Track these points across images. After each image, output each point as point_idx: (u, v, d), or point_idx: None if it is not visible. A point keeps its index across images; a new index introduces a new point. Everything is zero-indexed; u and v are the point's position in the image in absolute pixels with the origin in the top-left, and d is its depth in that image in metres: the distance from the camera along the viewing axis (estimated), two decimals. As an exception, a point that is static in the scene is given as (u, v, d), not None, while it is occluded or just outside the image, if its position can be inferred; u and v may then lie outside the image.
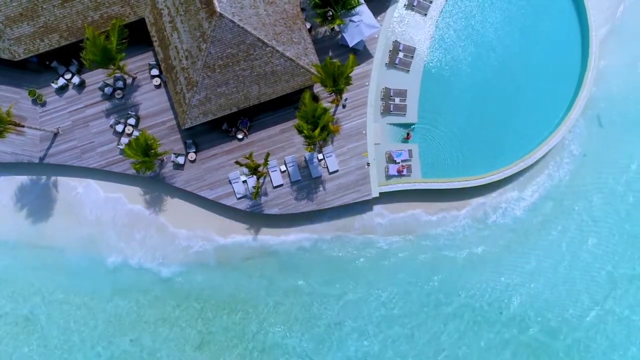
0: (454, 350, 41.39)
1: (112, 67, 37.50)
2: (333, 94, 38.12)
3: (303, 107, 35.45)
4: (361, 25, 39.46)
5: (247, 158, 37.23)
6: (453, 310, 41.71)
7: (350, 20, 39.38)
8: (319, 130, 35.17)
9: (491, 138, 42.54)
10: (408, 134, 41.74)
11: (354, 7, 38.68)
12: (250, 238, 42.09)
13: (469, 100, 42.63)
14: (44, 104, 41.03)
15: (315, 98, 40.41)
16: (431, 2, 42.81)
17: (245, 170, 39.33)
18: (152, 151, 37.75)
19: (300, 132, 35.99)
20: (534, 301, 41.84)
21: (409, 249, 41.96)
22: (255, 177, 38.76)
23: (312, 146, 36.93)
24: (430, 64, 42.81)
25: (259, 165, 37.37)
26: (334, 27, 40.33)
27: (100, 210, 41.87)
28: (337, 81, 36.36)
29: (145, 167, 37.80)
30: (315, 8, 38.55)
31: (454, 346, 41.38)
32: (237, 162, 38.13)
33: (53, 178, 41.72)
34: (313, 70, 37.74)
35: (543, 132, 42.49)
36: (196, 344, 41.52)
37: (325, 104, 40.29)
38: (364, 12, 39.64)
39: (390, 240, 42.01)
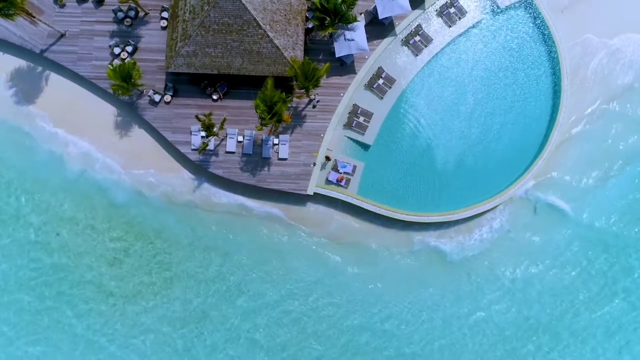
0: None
1: (127, -4, 41.76)
2: (303, 90, 41.57)
3: (264, 90, 39.03)
4: (352, 42, 42.79)
5: (205, 116, 40.98)
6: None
7: (344, 34, 42.76)
8: (271, 115, 38.70)
9: (433, 183, 45.48)
10: (327, 158, 44.60)
11: (350, 23, 42.04)
12: (192, 189, 45.78)
13: (426, 144, 45.69)
14: (62, 6, 45.45)
15: (290, 89, 43.97)
16: (426, 45, 45.87)
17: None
18: (132, 80, 41.82)
19: (256, 110, 39.58)
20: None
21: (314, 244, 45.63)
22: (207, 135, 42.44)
23: (262, 127, 40.44)
24: (404, 99, 45.91)
25: (213, 125, 41.08)
26: (331, 34, 43.71)
27: (76, 114, 45.89)
28: (307, 80, 39.83)
29: (121, 92, 41.94)
30: (316, 11, 42.05)
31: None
32: (196, 117, 41.88)
33: (46, 72, 46.08)
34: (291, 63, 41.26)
35: (481, 196, 45.24)
36: (110, 260, 45.42)
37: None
38: (359, 29, 42.96)
39: (309, 232, 45.40)
